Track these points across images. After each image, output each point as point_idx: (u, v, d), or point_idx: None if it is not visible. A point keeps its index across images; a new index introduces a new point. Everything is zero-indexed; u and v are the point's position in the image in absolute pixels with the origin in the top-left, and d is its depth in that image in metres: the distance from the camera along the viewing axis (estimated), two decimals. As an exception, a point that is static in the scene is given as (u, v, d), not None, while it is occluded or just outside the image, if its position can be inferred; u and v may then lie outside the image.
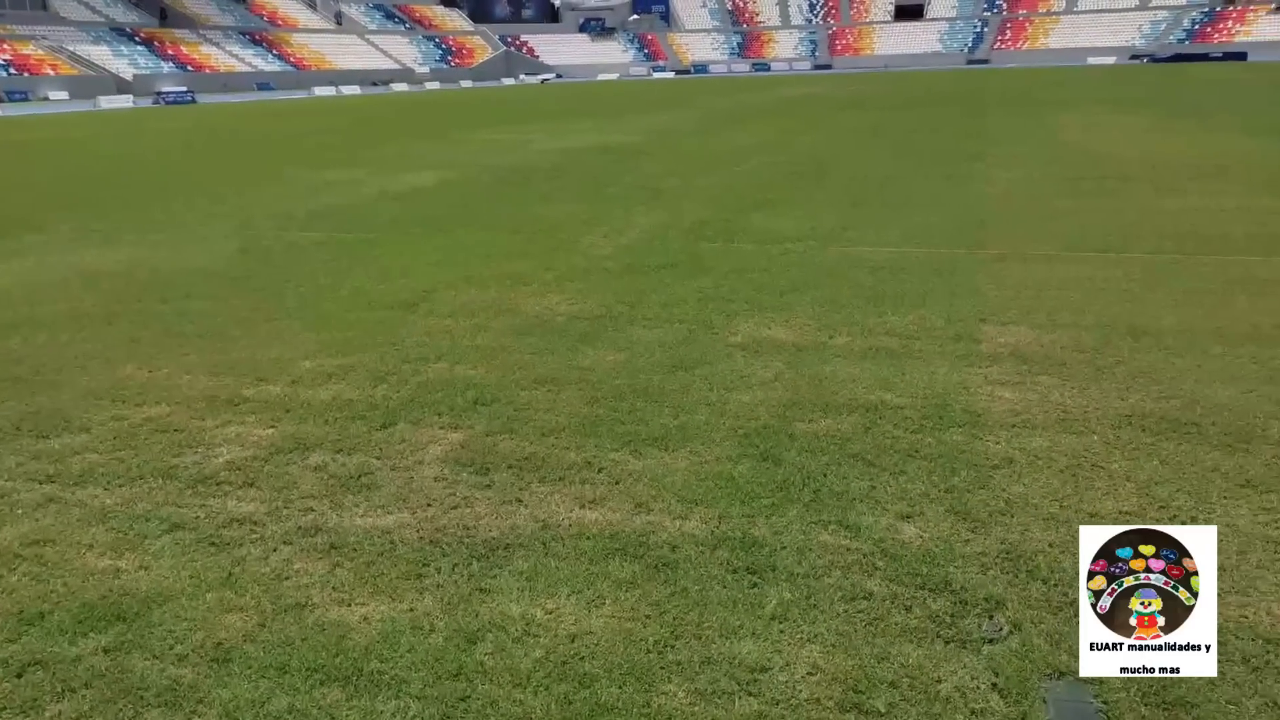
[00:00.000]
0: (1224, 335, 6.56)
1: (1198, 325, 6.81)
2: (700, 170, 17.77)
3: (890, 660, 3.25)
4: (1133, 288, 7.93)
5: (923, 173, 16.07)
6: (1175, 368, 5.94)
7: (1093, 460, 4.70)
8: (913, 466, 4.72)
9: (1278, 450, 4.70)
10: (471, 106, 50.05)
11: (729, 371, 6.23)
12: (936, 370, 6.10)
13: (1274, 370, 5.82)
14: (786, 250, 10.06)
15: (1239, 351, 6.20)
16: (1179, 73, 61.77)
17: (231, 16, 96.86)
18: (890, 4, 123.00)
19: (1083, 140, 20.84)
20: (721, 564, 3.88)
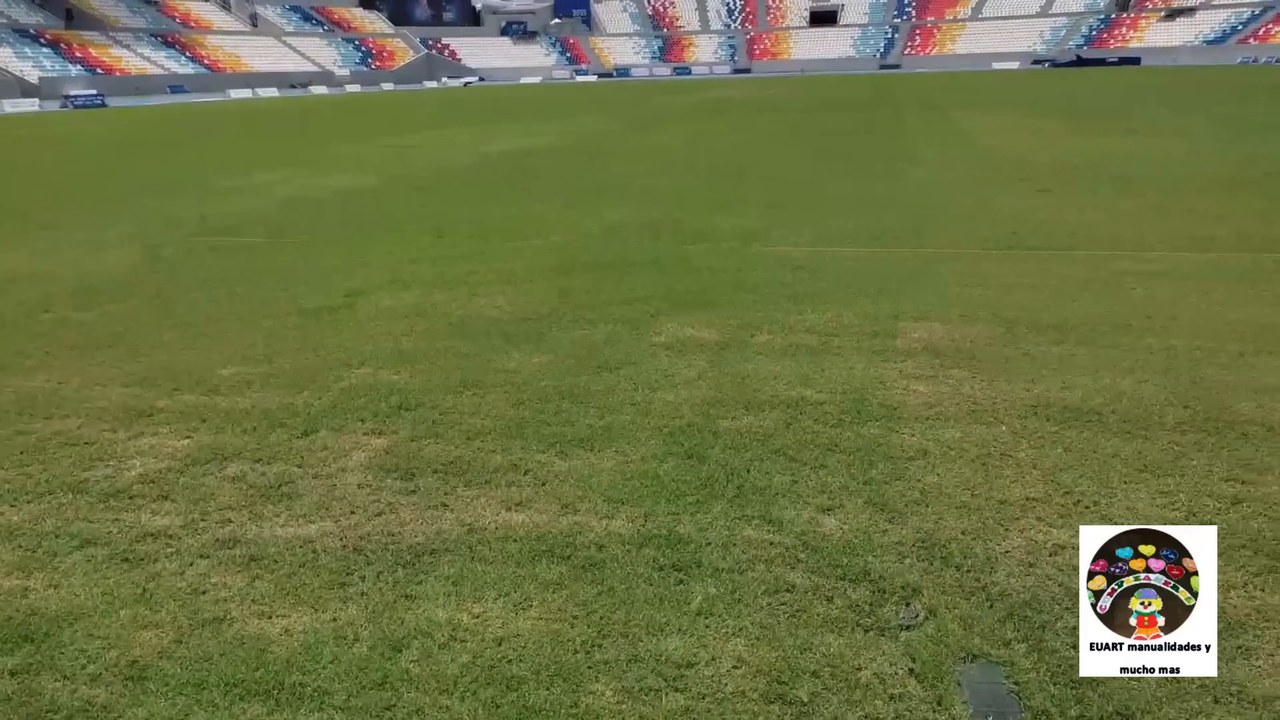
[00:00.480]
0: (1121, 327, 6.84)
1: (1097, 318, 7.09)
2: (624, 172, 17.84)
3: (813, 650, 3.32)
4: (1037, 283, 8.21)
5: (840, 173, 16.39)
6: (1077, 359, 6.18)
7: (1001, 450, 4.86)
8: (833, 460, 4.83)
9: (1173, 436, 4.92)
10: (393, 109, 49.35)
11: (653, 371, 6.28)
12: (854, 366, 6.24)
13: (1169, 360, 6.09)
14: (709, 250, 10.17)
15: (1136, 342, 6.48)
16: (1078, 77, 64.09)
17: (143, 18, 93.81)
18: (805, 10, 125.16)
19: (990, 142, 21.47)
20: (648, 562, 3.92)
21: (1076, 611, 3.44)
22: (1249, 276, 8.19)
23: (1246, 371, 5.85)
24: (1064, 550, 3.88)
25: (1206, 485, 4.37)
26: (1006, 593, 3.60)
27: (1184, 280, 8.13)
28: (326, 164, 20.98)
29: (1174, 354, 6.22)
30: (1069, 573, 3.71)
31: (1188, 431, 4.98)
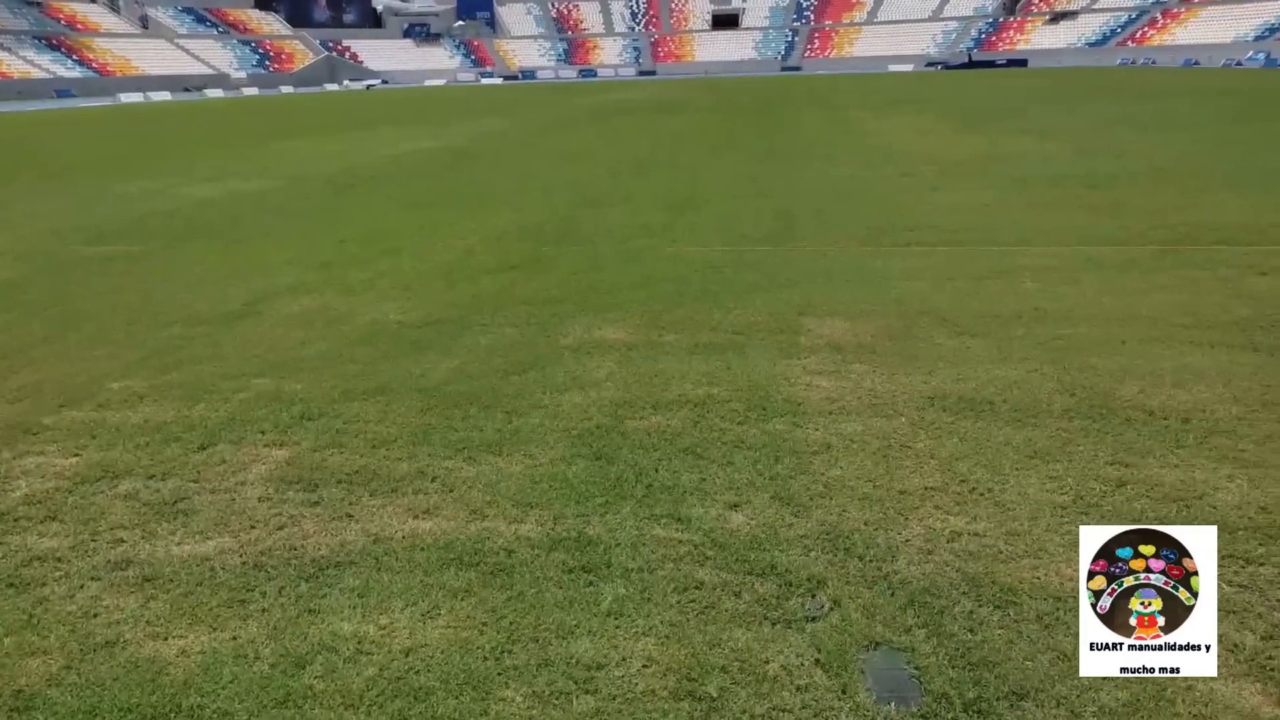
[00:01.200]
0: (1012, 319, 7.10)
1: (990, 310, 7.34)
2: (532, 174, 17.76)
3: (721, 646, 3.36)
4: (934, 277, 8.46)
5: (744, 173, 16.61)
6: (972, 351, 6.40)
7: (901, 441, 5.00)
8: (739, 457, 4.89)
9: (1061, 423, 5.13)
10: (293, 112, 48.13)
11: (562, 373, 6.27)
12: (760, 363, 6.34)
13: (1056, 350, 6.35)
14: (617, 251, 10.20)
15: (1026, 334, 6.73)
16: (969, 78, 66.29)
17: (25, 20, 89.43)
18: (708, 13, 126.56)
19: (887, 141, 22.05)
20: (558, 565, 3.91)
21: (973, 595, 3.58)
22: (1129, 268, 8.58)
23: (1129, 359, 6.13)
24: (960, 537, 4.01)
25: (1093, 469, 4.57)
26: (907, 580, 3.70)
27: (1070, 273, 8.48)
28: (224, 168, 20.34)
29: (1061, 344, 6.48)
30: (965, 558, 3.84)
31: (1074, 418, 5.19)
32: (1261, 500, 4.20)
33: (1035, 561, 3.80)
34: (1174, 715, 2.91)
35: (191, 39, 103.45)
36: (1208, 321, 6.85)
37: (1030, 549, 3.89)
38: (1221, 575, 3.63)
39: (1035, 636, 3.32)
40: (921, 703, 3.01)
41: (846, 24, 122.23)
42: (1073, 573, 3.70)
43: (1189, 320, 6.90)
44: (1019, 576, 3.69)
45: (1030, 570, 3.74)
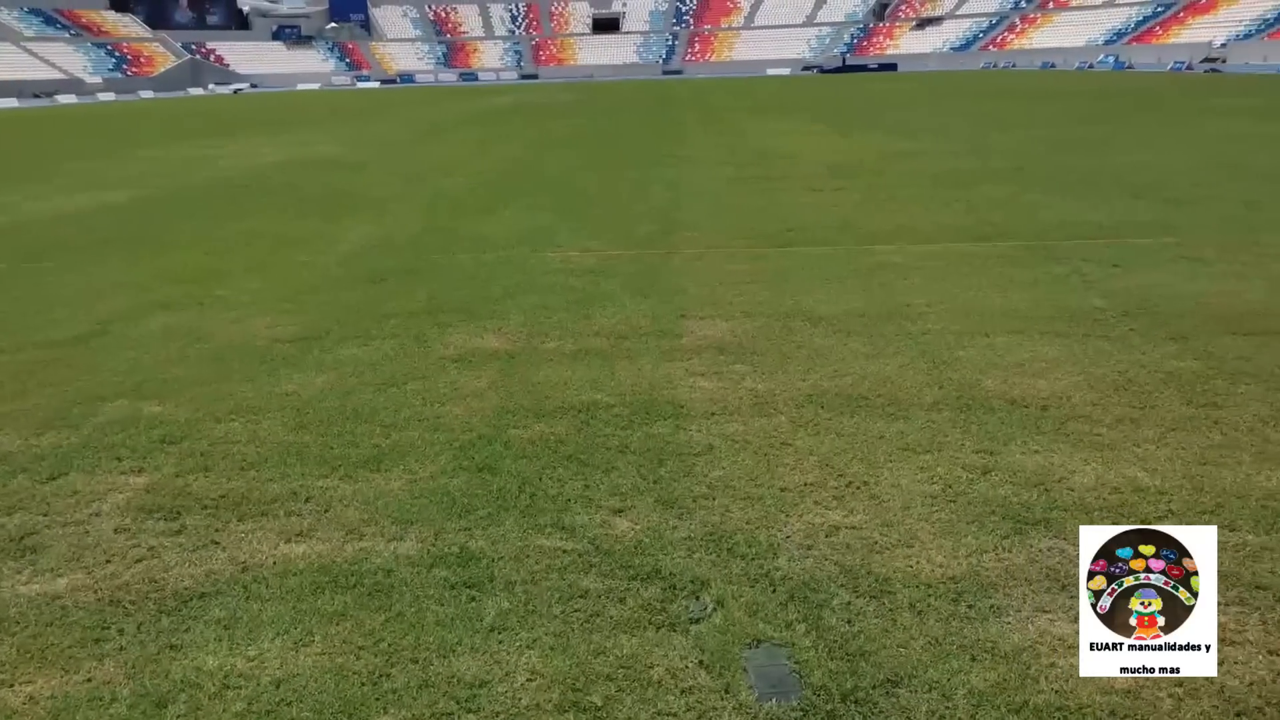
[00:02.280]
0: (885, 316, 7.32)
1: (865, 308, 7.55)
2: (410, 181, 17.43)
3: (607, 654, 3.34)
4: (811, 277, 8.66)
5: (626, 177, 16.68)
6: (847, 348, 6.56)
7: (781, 439, 5.08)
8: (623, 462, 4.89)
9: (931, 415, 5.31)
10: (154, 118, 46.04)
11: (442, 384, 6.16)
12: (643, 367, 6.36)
13: (926, 345, 6.57)
14: (498, 258, 10.09)
15: (898, 329, 6.95)
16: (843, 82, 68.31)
17: None
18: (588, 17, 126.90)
19: (765, 143, 22.50)
20: (439, 582, 3.82)
21: (850, 587, 3.65)
22: (994, 263, 8.96)
23: (993, 351, 6.39)
24: (838, 530, 4.09)
25: (960, 458, 4.73)
26: (788, 576, 3.76)
27: (939, 269, 8.80)
28: (79, 179, 19.28)
29: (931, 339, 6.71)
30: (842, 551, 3.92)
31: (943, 410, 5.38)
32: (1114, 481, 4.42)
33: (908, 550, 3.90)
34: (1038, 692, 3.03)
35: (40, 42, 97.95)
36: (1065, 314, 7.20)
37: (903, 539, 4.00)
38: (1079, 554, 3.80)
39: (909, 624, 3.41)
40: (801, 696, 3.06)
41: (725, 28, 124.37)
42: (943, 560, 3.82)
43: (1048, 313, 7.24)
44: (893, 566, 3.79)
45: (904, 559, 3.84)
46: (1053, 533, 3.99)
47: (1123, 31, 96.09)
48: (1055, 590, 3.58)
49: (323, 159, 22.54)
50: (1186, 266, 8.56)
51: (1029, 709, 2.96)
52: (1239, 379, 5.69)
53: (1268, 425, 5.01)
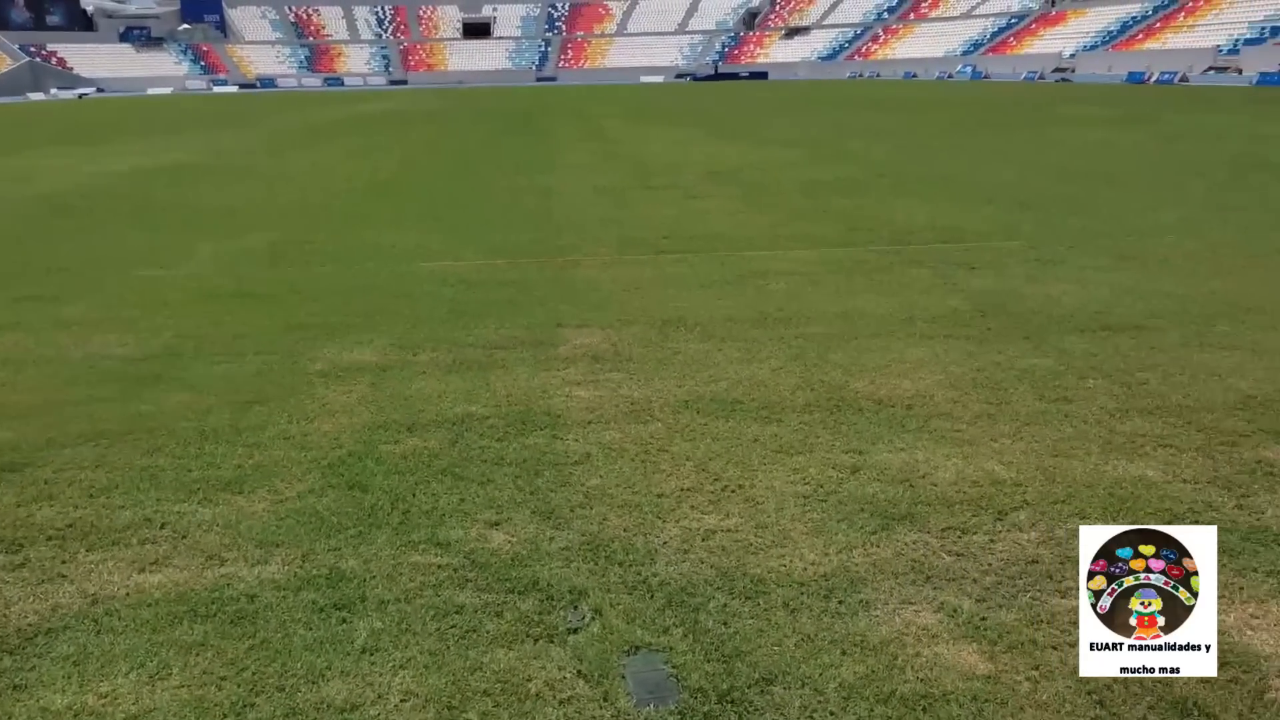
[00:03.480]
0: (758, 321, 7.47)
1: (739, 314, 7.69)
2: (271, 190, 16.85)
3: (483, 670, 3.29)
4: (686, 283, 8.77)
5: (499, 185, 16.56)
6: (722, 353, 6.67)
7: (659, 445, 5.12)
8: (499, 474, 4.83)
9: (803, 417, 5.44)
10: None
11: (310, 401, 5.96)
12: (518, 377, 6.30)
13: (797, 349, 6.73)
14: (368, 269, 9.86)
15: (771, 334, 7.10)
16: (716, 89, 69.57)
17: None
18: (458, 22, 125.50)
19: (639, 150, 22.71)
20: (307, 605, 3.69)
21: (726, 589, 3.70)
22: (860, 268, 9.27)
23: (861, 354, 6.59)
24: (714, 534, 4.14)
25: (830, 458, 4.87)
26: (665, 581, 3.78)
27: (810, 275, 9.04)
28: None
29: (802, 342, 6.88)
30: (719, 554, 3.97)
31: (815, 411, 5.52)
32: (973, 476, 4.62)
33: (782, 551, 3.98)
34: (904, 682, 3.13)
35: None
36: (927, 315, 7.50)
37: (777, 539, 4.08)
38: (941, 546, 3.97)
39: (782, 622, 3.47)
40: (679, 700, 3.07)
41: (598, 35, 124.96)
42: (815, 558, 3.92)
43: (911, 314, 7.52)
44: (767, 566, 3.86)
45: (778, 559, 3.91)
46: (917, 527, 4.14)
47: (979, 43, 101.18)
48: (920, 582, 3.71)
49: (176, 167, 21.56)
50: (1038, 268, 9.04)
51: (896, 698, 3.05)
52: (1087, 374, 6.03)
53: (1114, 418, 5.32)
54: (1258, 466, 4.64)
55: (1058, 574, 3.74)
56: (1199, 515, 4.16)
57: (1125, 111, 33.30)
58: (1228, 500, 4.31)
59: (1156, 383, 5.84)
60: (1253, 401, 5.48)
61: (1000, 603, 3.56)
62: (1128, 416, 5.32)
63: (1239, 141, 21.27)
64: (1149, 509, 4.23)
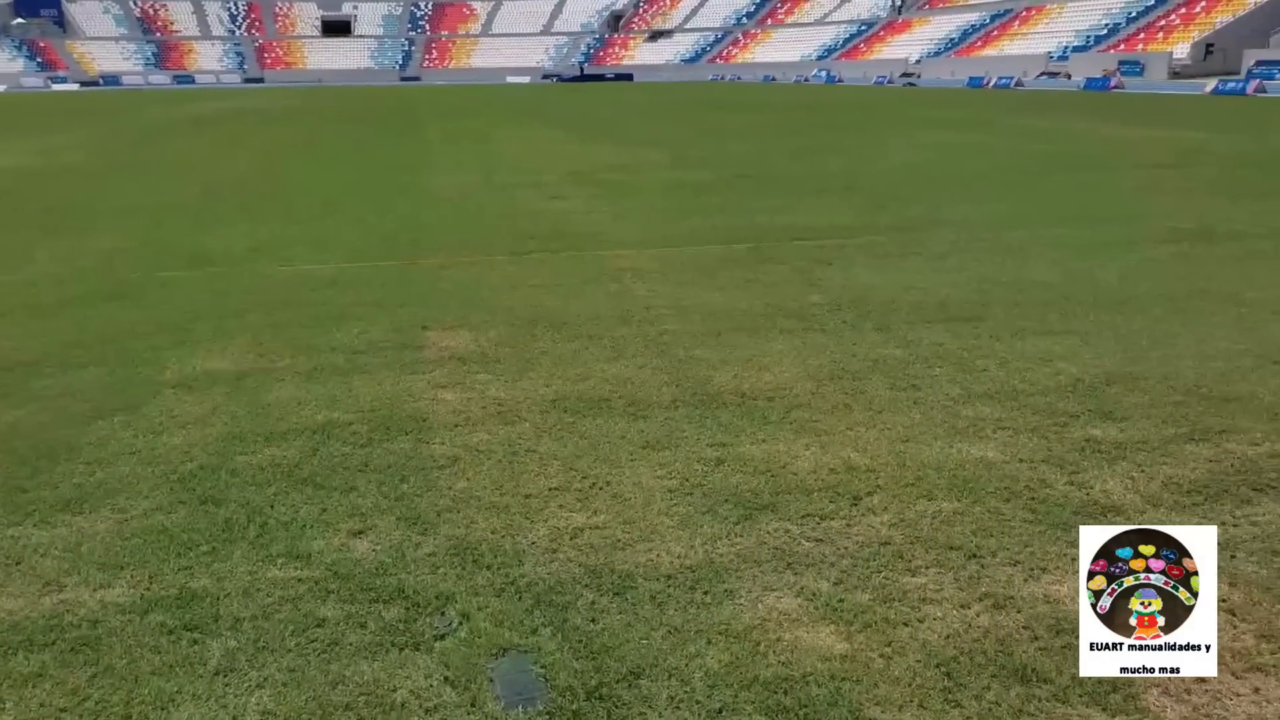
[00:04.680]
0: (624, 319, 7.53)
1: (605, 312, 7.74)
2: (115, 193, 15.99)
3: (346, 683, 3.21)
4: (553, 283, 8.76)
5: (363, 186, 16.18)
6: (589, 351, 6.69)
7: (526, 446, 5.10)
8: (363, 481, 4.72)
9: (669, 413, 5.52)
10: None
11: (159, 413, 5.69)
12: (383, 382, 6.17)
13: (662, 345, 6.82)
14: (224, 273, 9.47)
15: (637, 332, 7.17)
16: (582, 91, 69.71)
17: None
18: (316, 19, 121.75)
19: (505, 151, 22.56)
20: (155, 629, 3.52)
21: (594, 586, 3.72)
22: (724, 265, 9.45)
23: (725, 349, 6.72)
24: (583, 532, 4.16)
25: (696, 452, 4.95)
26: (534, 582, 3.77)
27: (675, 272, 9.17)
28: None
29: (668, 339, 6.97)
30: (587, 552, 3.99)
31: (680, 407, 5.60)
32: (830, 464, 4.78)
33: (649, 545, 4.03)
34: (767, 666, 3.22)
35: None
36: (787, 310, 7.70)
37: (644, 534, 4.13)
38: (801, 532, 4.10)
39: (650, 616, 3.52)
40: (547, 699, 3.08)
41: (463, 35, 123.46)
42: (681, 550, 3.98)
43: (772, 309, 7.72)
44: (635, 561, 3.90)
45: (645, 554, 3.96)
46: (779, 515, 4.26)
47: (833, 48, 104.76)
48: (781, 569, 3.82)
49: (17, 169, 20.19)
50: (888, 262, 9.42)
51: (759, 683, 3.14)
52: (934, 363, 6.32)
53: (958, 403, 5.60)
54: (1087, 444, 4.96)
55: (908, 554, 3.91)
56: (1035, 492, 4.42)
57: (966, 114, 35.01)
58: (1060, 477, 4.59)
59: (995, 369, 6.17)
60: (1081, 384, 5.85)
61: (856, 584, 3.70)
62: (970, 401, 5.61)
63: (1060, 142, 22.64)
64: (990, 488, 4.47)
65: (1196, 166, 17.38)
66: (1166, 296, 7.91)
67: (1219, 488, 4.45)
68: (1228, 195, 13.53)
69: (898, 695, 3.07)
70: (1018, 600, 3.56)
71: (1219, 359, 6.26)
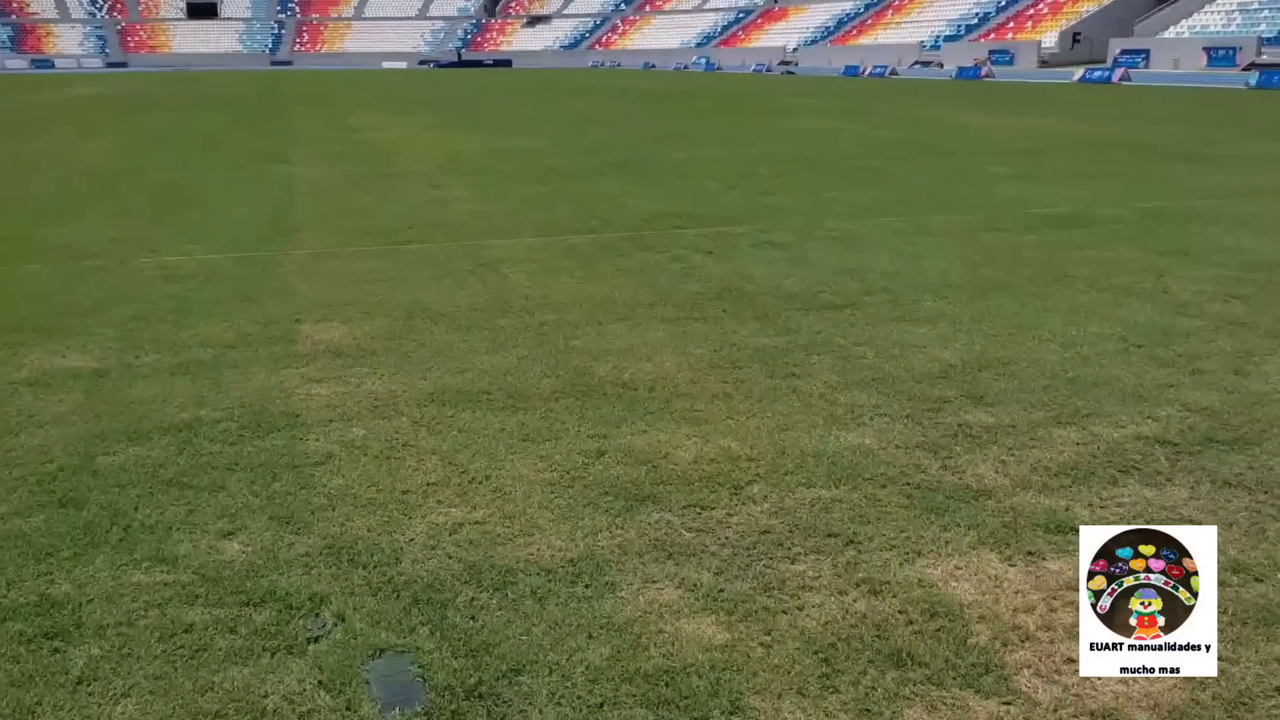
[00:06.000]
0: (503, 309, 7.47)
1: (483, 303, 7.65)
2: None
3: (215, 690, 3.10)
4: (429, 274, 8.62)
5: (227, 175, 15.58)
6: (468, 343, 6.62)
7: (404, 441, 5.01)
8: (233, 480, 4.56)
9: (549, 404, 5.50)
10: None
11: (14, 413, 5.37)
12: (254, 377, 5.97)
13: (542, 336, 6.79)
14: (83, 267, 8.99)
15: (515, 323, 7.11)
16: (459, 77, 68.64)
17: None
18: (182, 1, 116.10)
19: (379, 139, 22.07)
20: (14, 638, 3.33)
21: (474, 583, 3.69)
22: (602, 254, 9.46)
23: (605, 339, 6.75)
24: (462, 527, 4.11)
25: (576, 444, 4.96)
26: (412, 580, 3.72)
27: (553, 262, 9.15)
28: None
29: (547, 330, 6.95)
30: (466, 548, 3.95)
31: (560, 398, 5.60)
32: (711, 453, 4.86)
33: (529, 539, 4.02)
34: (649, 659, 3.25)
35: None
36: (666, 299, 7.78)
37: (525, 528, 4.12)
38: (682, 523, 4.16)
39: (530, 611, 3.51)
40: (426, 700, 3.05)
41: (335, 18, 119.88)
42: (562, 544, 3.99)
43: (652, 299, 7.78)
44: (515, 556, 3.89)
45: (525, 548, 3.95)
46: (659, 506, 4.31)
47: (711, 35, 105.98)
48: (663, 560, 3.87)
49: None
50: (770, 251, 9.61)
51: (640, 675, 3.17)
52: (812, 350, 6.48)
53: (836, 390, 5.75)
54: (959, 429, 5.18)
55: (788, 542, 4.01)
56: (910, 477, 4.58)
57: (843, 103, 36.00)
58: (934, 462, 4.78)
59: (872, 356, 6.37)
60: (954, 370, 6.10)
61: (736, 574, 3.77)
62: (848, 389, 5.78)
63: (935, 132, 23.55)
64: (866, 474, 4.61)
65: (1058, 154, 18.31)
66: (1033, 281, 8.32)
67: (1086, 470, 4.69)
68: (1086, 180, 14.34)
69: (777, 683, 3.14)
70: (893, 585, 3.69)
71: (1085, 344, 6.60)
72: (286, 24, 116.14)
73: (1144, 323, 7.08)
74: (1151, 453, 4.87)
